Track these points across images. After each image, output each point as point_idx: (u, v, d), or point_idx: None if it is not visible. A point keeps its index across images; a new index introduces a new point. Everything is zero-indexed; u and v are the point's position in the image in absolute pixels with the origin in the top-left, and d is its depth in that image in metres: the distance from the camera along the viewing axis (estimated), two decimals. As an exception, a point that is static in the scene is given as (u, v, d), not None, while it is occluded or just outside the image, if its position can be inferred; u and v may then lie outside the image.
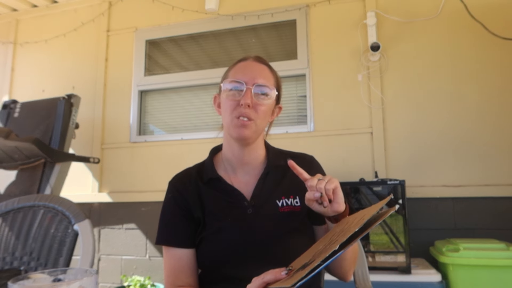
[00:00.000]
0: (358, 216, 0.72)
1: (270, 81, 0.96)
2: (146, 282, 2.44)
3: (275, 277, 0.65)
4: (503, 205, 2.11)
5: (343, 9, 2.54)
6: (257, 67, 0.96)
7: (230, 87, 0.93)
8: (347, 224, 0.72)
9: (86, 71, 3.04)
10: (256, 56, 1.00)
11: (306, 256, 0.71)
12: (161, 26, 2.93)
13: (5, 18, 3.36)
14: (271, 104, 0.96)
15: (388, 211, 0.70)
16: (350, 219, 0.75)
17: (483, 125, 2.20)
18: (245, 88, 0.91)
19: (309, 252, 0.73)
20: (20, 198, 1.23)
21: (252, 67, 0.96)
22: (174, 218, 0.95)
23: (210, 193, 0.94)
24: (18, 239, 1.17)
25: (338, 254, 0.62)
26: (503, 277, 1.68)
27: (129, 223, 2.72)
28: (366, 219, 0.66)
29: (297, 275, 0.61)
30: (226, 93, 0.93)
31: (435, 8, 2.36)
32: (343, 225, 0.75)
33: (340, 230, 0.72)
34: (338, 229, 0.75)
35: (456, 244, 1.79)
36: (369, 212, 0.69)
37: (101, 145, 2.89)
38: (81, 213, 1.14)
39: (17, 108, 2.69)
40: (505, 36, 2.19)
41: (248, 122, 0.91)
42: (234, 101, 0.91)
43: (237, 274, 0.86)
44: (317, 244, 0.75)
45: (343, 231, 0.69)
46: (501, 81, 2.21)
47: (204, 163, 1.03)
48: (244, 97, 0.90)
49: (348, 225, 0.70)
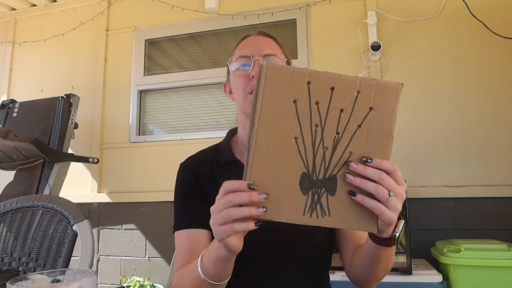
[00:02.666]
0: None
1: (278, 51, 0.92)
2: (145, 282, 2.43)
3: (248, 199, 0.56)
4: (505, 205, 2.10)
5: (344, 9, 2.53)
6: (262, 40, 0.93)
7: (238, 65, 0.89)
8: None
9: (85, 71, 3.03)
10: (259, 31, 0.97)
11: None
12: (160, 26, 2.93)
13: (4, 17, 3.35)
14: None
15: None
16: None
17: (485, 125, 2.20)
18: (253, 61, 0.87)
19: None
20: (18, 199, 1.22)
21: (257, 40, 0.92)
22: (188, 199, 0.90)
23: (225, 178, 0.86)
24: (17, 240, 1.16)
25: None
26: (504, 277, 1.68)
27: (129, 224, 2.71)
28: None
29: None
30: (234, 72, 0.90)
31: (436, 7, 2.35)
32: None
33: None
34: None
35: (457, 245, 1.78)
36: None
37: (100, 145, 2.88)
38: (80, 214, 1.13)
39: (15, 108, 2.68)
40: (506, 35, 2.19)
41: None
42: (244, 77, 0.88)
43: (251, 267, 0.84)
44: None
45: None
46: (502, 80, 2.21)
47: (220, 145, 0.99)
48: (253, 69, 0.87)
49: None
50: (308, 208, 0.58)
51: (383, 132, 0.58)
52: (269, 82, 0.56)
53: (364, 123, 0.58)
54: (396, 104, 0.57)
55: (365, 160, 0.57)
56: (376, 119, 0.57)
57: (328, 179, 0.58)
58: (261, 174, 0.57)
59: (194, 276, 0.73)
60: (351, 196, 0.58)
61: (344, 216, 0.58)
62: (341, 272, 1.70)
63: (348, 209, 0.58)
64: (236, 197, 0.57)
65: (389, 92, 0.57)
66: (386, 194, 0.57)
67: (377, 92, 0.57)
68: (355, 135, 0.58)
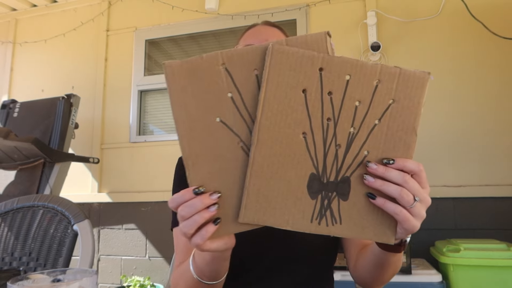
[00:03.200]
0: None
1: None
2: (146, 282, 2.43)
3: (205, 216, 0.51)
4: (504, 205, 2.10)
5: (344, 9, 2.53)
6: (269, 30, 0.88)
7: None
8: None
9: (85, 71, 3.03)
10: (266, 21, 0.92)
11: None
12: (160, 26, 2.93)
13: (4, 18, 3.35)
14: None
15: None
16: None
17: (484, 125, 2.20)
18: None
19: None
20: (19, 198, 1.23)
21: (263, 30, 0.88)
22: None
23: None
24: (17, 239, 1.16)
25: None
26: (504, 277, 1.68)
27: (129, 223, 2.71)
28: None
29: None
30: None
31: (435, 8, 2.35)
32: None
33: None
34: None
35: (457, 245, 1.79)
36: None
37: (101, 145, 2.88)
38: (80, 213, 1.14)
39: (16, 108, 2.69)
40: (506, 36, 2.19)
41: None
42: None
43: (253, 268, 0.82)
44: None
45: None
46: (501, 80, 2.21)
47: None
48: None
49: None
50: (316, 214, 0.51)
51: (405, 128, 0.50)
52: (275, 68, 0.49)
53: (384, 118, 0.50)
54: (421, 96, 0.50)
55: (386, 162, 0.50)
56: (398, 113, 0.50)
57: (340, 182, 0.51)
58: (264, 175, 0.51)
59: (188, 277, 0.69)
60: (370, 199, 0.51)
61: (358, 224, 0.52)
62: (341, 271, 1.70)
63: (363, 216, 0.52)
64: (187, 208, 0.51)
65: (414, 83, 0.50)
66: (411, 199, 0.50)
67: (400, 82, 0.50)
68: (372, 132, 0.51)
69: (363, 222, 0.52)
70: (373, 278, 0.77)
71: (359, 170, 0.51)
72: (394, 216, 0.51)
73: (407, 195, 0.50)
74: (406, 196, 0.50)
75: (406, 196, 0.50)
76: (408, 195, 0.50)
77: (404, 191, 0.50)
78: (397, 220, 0.51)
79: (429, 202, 0.53)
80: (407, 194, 0.50)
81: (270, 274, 0.83)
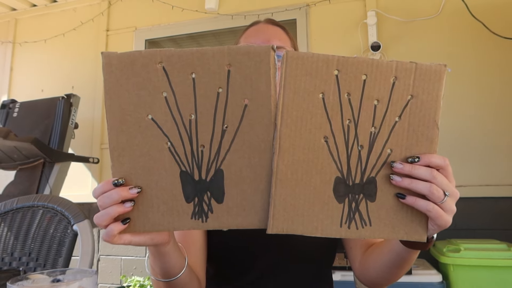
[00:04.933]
0: None
1: (287, 43, 0.86)
2: (145, 282, 2.43)
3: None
4: (504, 205, 2.10)
5: (344, 9, 2.53)
6: (271, 29, 0.87)
7: None
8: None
9: (85, 71, 3.03)
10: (268, 19, 0.90)
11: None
12: (160, 26, 2.93)
13: (4, 18, 3.35)
14: None
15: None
16: None
17: (484, 125, 2.20)
18: None
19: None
20: (19, 198, 1.22)
21: (266, 29, 0.87)
22: None
23: None
24: (17, 240, 1.16)
25: None
26: (504, 277, 1.68)
27: (129, 223, 2.71)
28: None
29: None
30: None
31: (435, 8, 2.35)
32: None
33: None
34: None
35: (457, 245, 1.79)
36: None
37: (101, 145, 2.88)
38: (80, 213, 1.13)
39: (16, 108, 2.68)
40: (506, 36, 2.19)
41: None
42: None
43: (251, 268, 0.82)
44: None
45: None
46: (502, 80, 2.21)
47: None
48: None
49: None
50: (345, 218, 0.51)
51: (426, 123, 0.50)
52: (291, 74, 0.49)
53: (404, 115, 0.50)
54: (440, 89, 0.51)
55: (411, 161, 0.50)
56: (417, 108, 0.50)
57: (366, 183, 0.51)
58: (289, 183, 0.50)
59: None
60: (400, 199, 0.50)
61: (388, 225, 0.51)
62: (341, 271, 1.70)
63: (393, 216, 0.51)
64: (104, 199, 0.51)
65: (431, 76, 0.50)
66: (441, 194, 0.50)
67: (417, 77, 0.50)
68: (394, 129, 0.50)
69: (393, 222, 0.51)
70: (387, 277, 0.75)
71: (384, 169, 0.51)
72: (427, 213, 0.50)
73: (437, 190, 0.49)
74: (437, 192, 0.49)
75: (437, 192, 0.49)
76: (438, 190, 0.49)
77: (433, 187, 0.49)
78: (430, 217, 0.51)
79: (458, 195, 0.52)
80: (437, 190, 0.49)
81: (268, 275, 0.83)
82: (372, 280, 0.79)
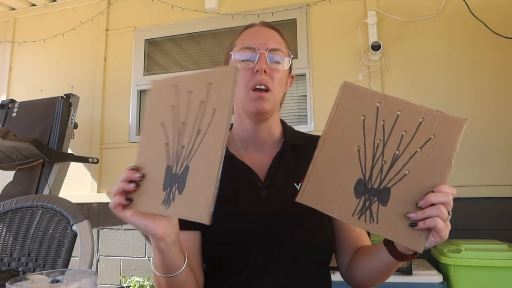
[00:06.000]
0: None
1: (283, 46, 0.88)
2: (145, 283, 2.43)
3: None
4: (505, 205, 2.10)
5: (344, 8, 2.53)
6: (267, 32, 0.89)
7: (242, 56, 0.85)
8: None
9: (84, 71, 3.03)
10: (264, 22, 0.93)
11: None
12: (160, 25, 2.92)
13: (3, 17, 3.34)
14: (285, 72, 0.89)
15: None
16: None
17: (484, 125, 2.20)
18: (258, 54, 0.83)
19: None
20: (18, 199, 1.22)
21: (262, 31, 0.89)
22: None
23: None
24: (16, 240, 1.16)
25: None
26: (504, 278, 1.68)
27: (128, 224, 2.70)
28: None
29: None
30: (237, 63, 0.86)
31: (436, 7, 2.35)
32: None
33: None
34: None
35: (458, 245, 1.78)
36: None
37: (100, 145, 2.88)
38: (80, 214, 1.13)
39: (15, 108, 2.68)
40: (506, 35, 2.19)
41: (266, 94, 0.83)
42: (247, 70, 0.84)
43: (244, 267, 0.82)
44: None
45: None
46: (502, 79, 2.21)
47: None
48: (258, 63, 0.83)
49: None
50: (358, 211, 0.61)
51: (442, 158, 0.60)
52: (345, 97, 0.64)
53: (424, 148, 0.61)
54: (458, 136, 0.60)
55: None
56: (437, 145, 0.60)
57: (382, 190, 0.61)
58: (323, 170, 0.63)
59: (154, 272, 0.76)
60: (413, 227, 0.60)
61: (392, 228, 0.60)
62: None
63: (398, 222, 0.60)
64: (120, 177, 0.66)
65: (452, 124, 0.60)
66: (446, 214, 0.59)
67: (441, 122, 0.61)
68: (414, 156, 0.61)
69: (396, 227, 0.60)
70: (372, 282, 0.84)
71: (399, 184, 0.61)
72: (433, 228, 0.59)
73: (445, 212, 0.60)
74: (445, 212, 0.59)
75: (445, 212, 0.59)
76: (445, 212, 0.59)
77: (441, 208, 0.59)
78: (436, 229, 0.59)
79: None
80: (445, 211, 0.59)
81: (264, 274, 0.83)
82: (358, 282, 0.87)
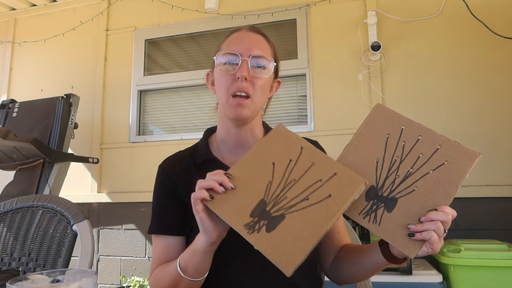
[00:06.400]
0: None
1: (267, 52, 0.89)
2: (145, 282, 2.43)
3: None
4: (505, 205, 2.10)
5: (344, 8, 2.53)
6: (253, 37, 0.89)
7: (224, 60, 0.85)
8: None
9: (85, 71, 3.03)
10: (251, 26, 0.92)
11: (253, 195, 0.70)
12: (160, 26, 2.92)
13: (4, 17, 3.34)
14: (269, 78, 0.89)
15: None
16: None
17: (484, 125, 2.20)
18: (241, 60, 0.84)
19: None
20: (18, 199, 1.22)
21: (247, 37, 0.88)
22: (161, 204, 0.91)
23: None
24: (17, 240, 1.16)
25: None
26: (504, 278, 1.68)
27: (129, 224, 2.70)
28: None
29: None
30: (220, 68, 0.86)
31: (436, 7, 2.35)
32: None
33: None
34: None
35: (457, 245, 1.78)
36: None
37: (100, 145, 2.88)
38: (80, 214, 1.13)
39: (15, 108, 2.68)
40: (506, 35, 2.19)
41: (245, 101, 0.84)
42: (229, 75, 0.84)
43: (229, 272, 0.82)
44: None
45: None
46: (502, 79, 2.21)
47: (197, 145, 0.97)
48: (240, 70, 0.83)
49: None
50: (364, 211, 0.69)
51: (450, 183, 0.67)
52: (375, 116, 0.75)
53: (437, 170, 0.68)
54: (469, 166, 0.68)
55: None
56: (448, 170, 0.68)
57: (390, 199, 0.68)
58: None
59: (172, 272, 0.78)
60: (410, 237, 0.65)
61: (392, 232, 0.67)
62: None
63: (397, 229, 0.66)
64: (213, 176, 0.70)
65: (466, 155, 0.68)
66: (443, 231, 0.66)
67: (456, 151, 0.69)
68: (425, 176, 0.68)
69: (395, 232, 0.66)
70: (358, 278, 0.89)
71: (407, 197, 0.68)
72: (428, 241, 0.64)
73: (441, 229, 0.66)
74: (441, 229, 0.66)
75: (441, 229, 0.66)
76: (442, 229, 0.66)
77: (439, 224, 0.65)
78: (430, 243, 0.65)
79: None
80: (441, 229, 0.66)
81: (256, 271, 0.83)
82: (342, 279, 0.91)
